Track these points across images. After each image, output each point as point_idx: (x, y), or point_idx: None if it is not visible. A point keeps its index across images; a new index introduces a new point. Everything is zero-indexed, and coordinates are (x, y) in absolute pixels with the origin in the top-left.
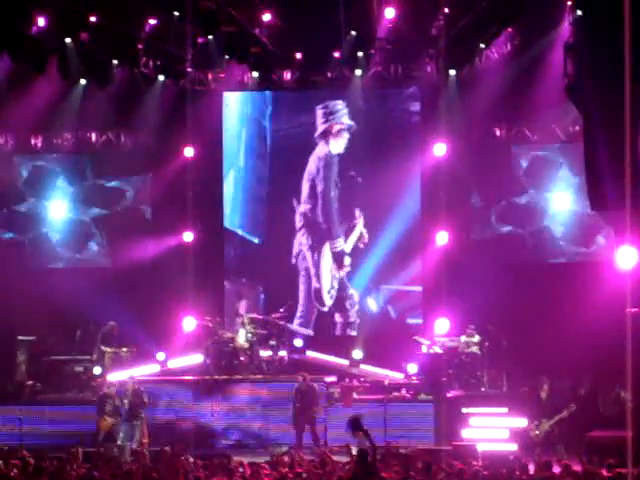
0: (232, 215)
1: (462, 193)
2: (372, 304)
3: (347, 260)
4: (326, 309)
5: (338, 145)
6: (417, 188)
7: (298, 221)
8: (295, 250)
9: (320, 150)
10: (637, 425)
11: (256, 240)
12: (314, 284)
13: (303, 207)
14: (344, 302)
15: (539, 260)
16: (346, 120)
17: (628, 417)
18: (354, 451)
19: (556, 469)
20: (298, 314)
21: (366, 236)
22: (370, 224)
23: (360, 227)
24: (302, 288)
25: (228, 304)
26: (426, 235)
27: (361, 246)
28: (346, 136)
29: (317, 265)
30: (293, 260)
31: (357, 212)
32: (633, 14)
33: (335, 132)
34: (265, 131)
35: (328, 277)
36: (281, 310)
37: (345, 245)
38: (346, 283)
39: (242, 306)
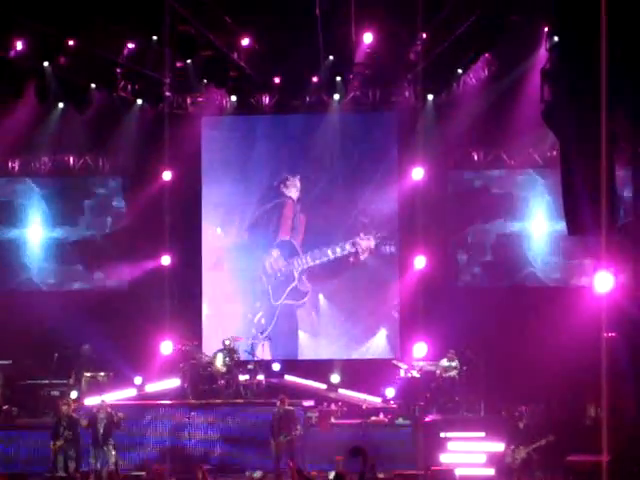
0: (211, 238)
1: (439, 217)
2: None
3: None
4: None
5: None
6: (395, 211)
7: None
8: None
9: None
10: (613, 449)
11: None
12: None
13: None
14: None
15: (517, 284)
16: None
17: (604, 441)
18: (331, 476)
19: None
20: None
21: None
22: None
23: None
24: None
25: (207, 328)
26: (404, 259)
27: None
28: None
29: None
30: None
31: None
32: (609, 40)
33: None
34: (244, 156)
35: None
36: (260, 335)
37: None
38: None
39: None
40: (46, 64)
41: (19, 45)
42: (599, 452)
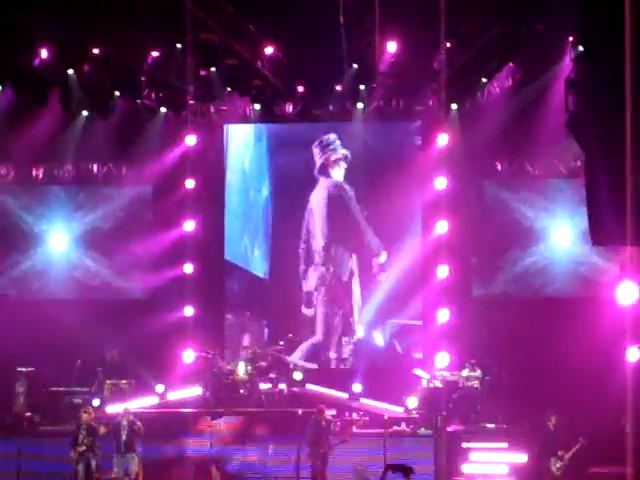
0: (235, 247)
1: (463, 227)
2: (378, 338)
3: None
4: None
5: (338, 174)
6: (418, 221)
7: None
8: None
9: (322, 185)
10: (637, 461)
11: (261, 274)
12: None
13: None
14: (342, 337)
15: (539, 295)
16: (341, 150)
17: (629, 453)
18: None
19: None
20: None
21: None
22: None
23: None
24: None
25: (231, 337)
26: (427, 268)
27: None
28: (344, 165)
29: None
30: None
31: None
32: (635, 50)
33: (332, 162)
34: (268, 164)
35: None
36: (281, 343)
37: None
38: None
39: (246, 339)
40: (70, 72)
41: (44, 53)
42: (622, 464)
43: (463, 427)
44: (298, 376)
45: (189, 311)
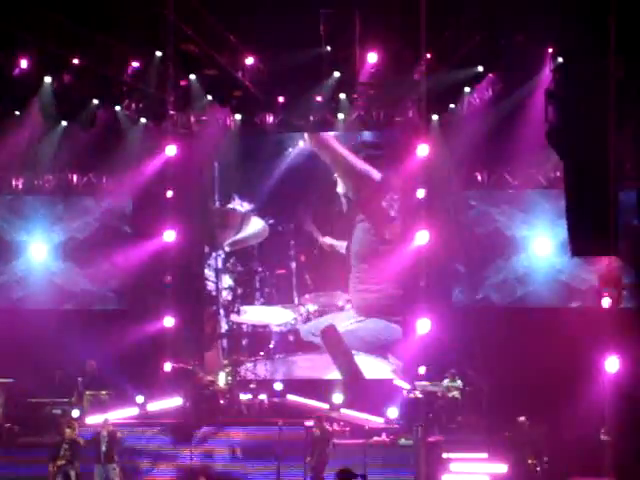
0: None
1: (443, 236)
2: None
3: None
4: None
5: None
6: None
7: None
8: None
9: None
10: (616, 471)
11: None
12: None
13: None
14: None
15: (518, 304)
16: None
17: (606, 462)
18: None
19: None
20: None
21: None
22: None
23: None
24: None
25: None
26: (407, 278)
27: None
28: None
29: None
30: None
31: None
32: (615, 61)
33: None
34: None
35: None
36: (261, 354)
37: None
38: None
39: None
40: (50, 81)
41: (23, 63)
42: (603, 474)
43: (443, 437)
44: (278, 386)
45: (169, 322)
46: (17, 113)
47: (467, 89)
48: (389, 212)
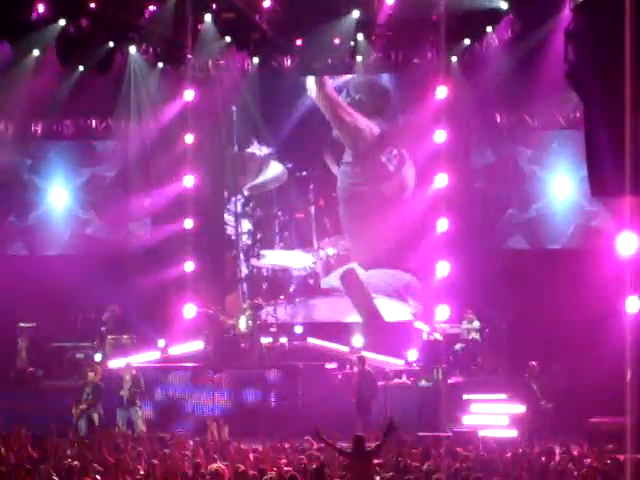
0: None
1: (463, 179)
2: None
3: None
4: None
5: None
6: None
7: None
8: None
9: None
10: (636, 411)
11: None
12: None
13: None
14: None
15: (538, 246)
16: None
17: (627, 403)
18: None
19: (557, 455)
20: None
21: None
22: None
23: None
24: None
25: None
26: (426, 221)
27: None
28: None
29: None
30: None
31: None
32: (634, 0)
33: None
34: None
35: None
36: (281, 297)
37: None
38: None
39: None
40: (67, 26)
41: (40, 8)
42: (622, 414)
43: (463, 379)
44: (299, 329)
45: (190, 266)
46: (35, 55)
47: (489, 28)
48: (388, 167)
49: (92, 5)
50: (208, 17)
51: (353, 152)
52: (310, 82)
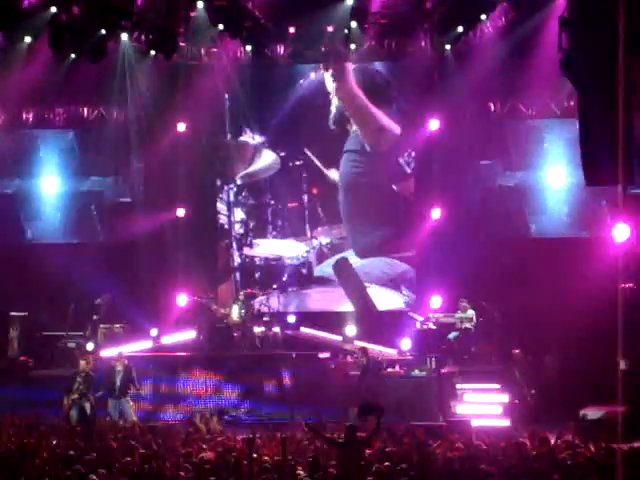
0: None
1: (456, 168)
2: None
3: None
4: None
5: None
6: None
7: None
8: None
9: None
10: (629, 400)
11: None
12: None
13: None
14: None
15: (532, 235)
16: None
17: (619, 392)
18: None
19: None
20: None
21: None
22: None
23: None
24: None
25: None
26: (419, 211)
27: None
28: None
29: None
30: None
31: None
32: None
33: None
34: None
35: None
36: (274, 286)
37: None
38: None
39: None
40: (58, 13)
41: None
42: (614, 403)
43: (457, 368)
44: (292, 319)
45: (182, 255)
46: (26, 44)
47: (483, 16)
48: (405, 169)
49: None
50: (200, 4)
51: (373, 150)
52: (327, 76)
